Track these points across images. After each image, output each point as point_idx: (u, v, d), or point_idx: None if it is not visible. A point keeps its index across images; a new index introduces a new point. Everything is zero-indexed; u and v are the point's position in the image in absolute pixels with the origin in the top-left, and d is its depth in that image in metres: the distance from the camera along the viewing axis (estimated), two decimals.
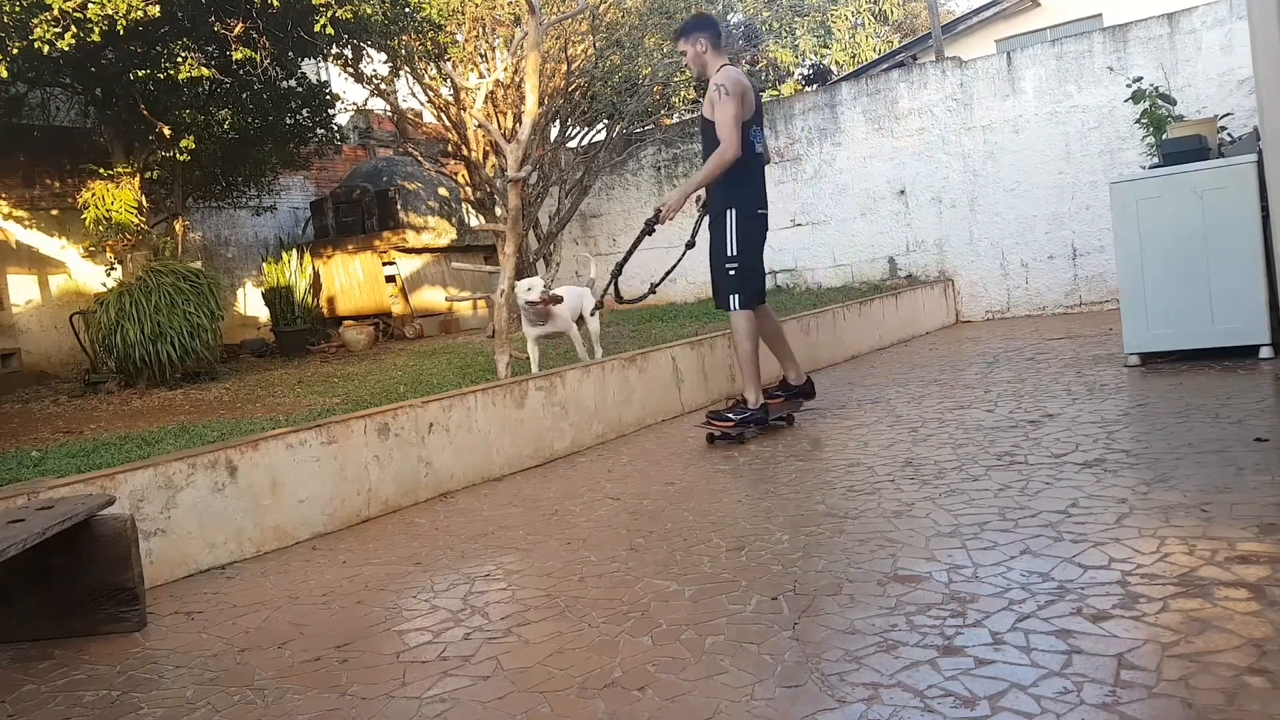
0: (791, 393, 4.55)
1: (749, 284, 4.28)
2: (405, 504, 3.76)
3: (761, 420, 4.24)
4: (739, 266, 4.23)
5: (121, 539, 2.59)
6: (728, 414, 4.24)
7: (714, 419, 4.24)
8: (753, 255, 4.31)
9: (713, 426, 4.23)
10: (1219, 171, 4.59)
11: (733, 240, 4.21)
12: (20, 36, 5.15)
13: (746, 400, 4.26)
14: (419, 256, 9.38)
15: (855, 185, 9.06)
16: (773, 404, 4.41)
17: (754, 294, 4.31)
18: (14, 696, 2.20)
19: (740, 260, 4.23)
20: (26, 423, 5.29)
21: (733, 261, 4.23)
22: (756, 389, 4.24)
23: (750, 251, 4.28)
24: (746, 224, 4.24)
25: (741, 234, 4.22)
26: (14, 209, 7.76)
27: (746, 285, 4.27)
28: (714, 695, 1.79)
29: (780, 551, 2.60)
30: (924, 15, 15.49)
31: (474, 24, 8.02)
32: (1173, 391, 4.16)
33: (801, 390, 4.58)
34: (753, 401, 4.24)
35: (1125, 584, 2.07)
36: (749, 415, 4.22)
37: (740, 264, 4.23)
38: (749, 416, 4.21)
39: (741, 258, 4.23)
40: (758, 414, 4.23)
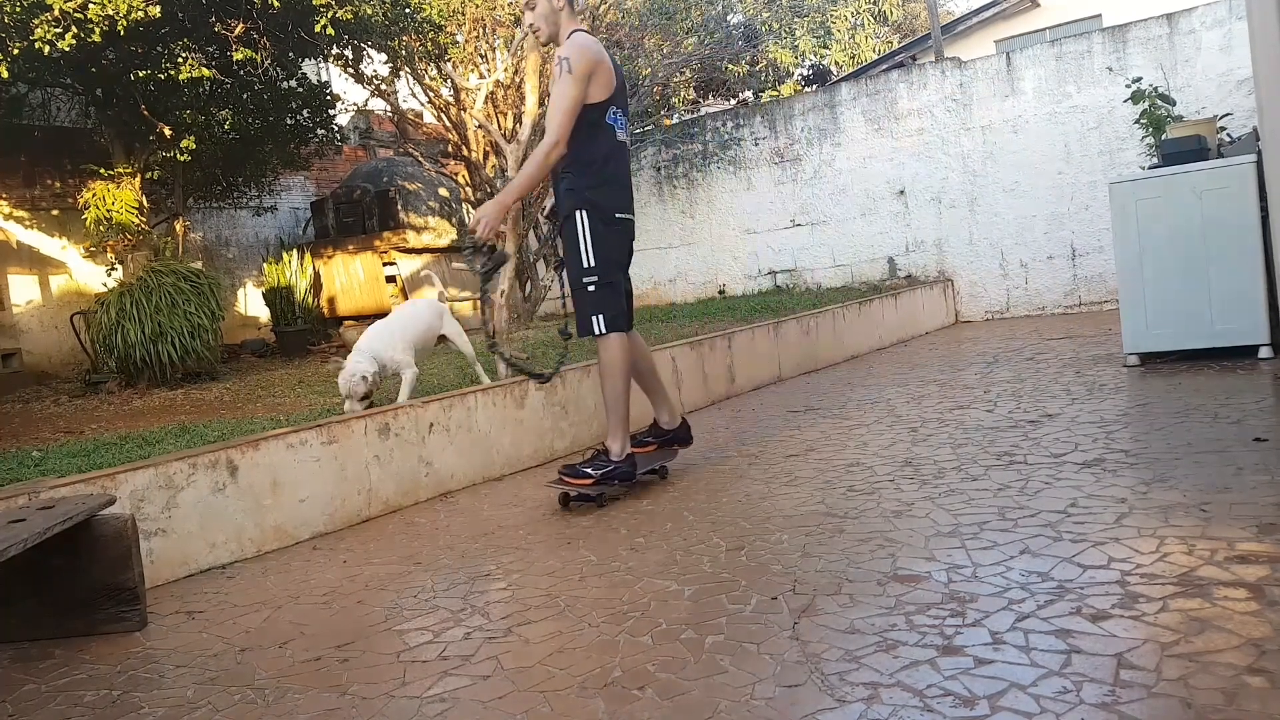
0: (665, 439, 3.77)
1: (613, 301, 3.45)
2: (406, 504, 3.77)
3: (628, 476, 3.43)
4: (598, 280, 3.41)
5: (122, 539, 2.59)
6: (585, 468, 3.39)
7: (568, 475, 3.40)
8: (614, 269, 3.47)
9: (566, 484, 3.41)
10: (1218, 172, 4.59)
11: (587, 250, 3.40)
12: (21, 37, 5.16)
13: (609, 450, 3.42)
14: (419, 257, 9.38)
15: (855, 185, 9.06)
16: (642, 453, 3.65)
17: (620, 313, 3.48)
18: (14, 696, 2.20)
19: (600, 273, 3.41)
20: (27, 423, 5.29)
21: (590, 274, 3.41)
22: (624, 437, 3.43)
23: (611, 264, 3.44)
24: (602, 230, 3.41)
25: (597, 242, 3.40)
26: (15, 209, 7.77)
27: (611, 303, 3.43)
28: (714, 695, 1.79)
29: (780, 551, 2.60)
30: (923, 16, 15.49)
31: (474, 24, 8.03)
32: (1172, 392, 4.16)
33: (676, 435, 3.79)
34: (617, 452, 3.41)
35: (1125, 584, 2.07)
36: (612, 470, 3.39)
37: (600, 277, 3.41)
38: (612, 471, 3.39)
39: (600, 269, 3.41)
40: (623, 468, 3.41)
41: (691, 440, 3.87)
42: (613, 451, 3.43)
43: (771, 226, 9.59)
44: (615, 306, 3.45)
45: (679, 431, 3.80)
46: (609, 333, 3.43)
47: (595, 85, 3.35)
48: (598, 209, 3.41)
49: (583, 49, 3.32)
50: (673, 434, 3.79)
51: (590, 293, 3.43)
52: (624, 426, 3.44)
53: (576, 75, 3.28)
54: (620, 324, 3.45)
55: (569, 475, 3.40)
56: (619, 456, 3.42)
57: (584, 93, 3.32)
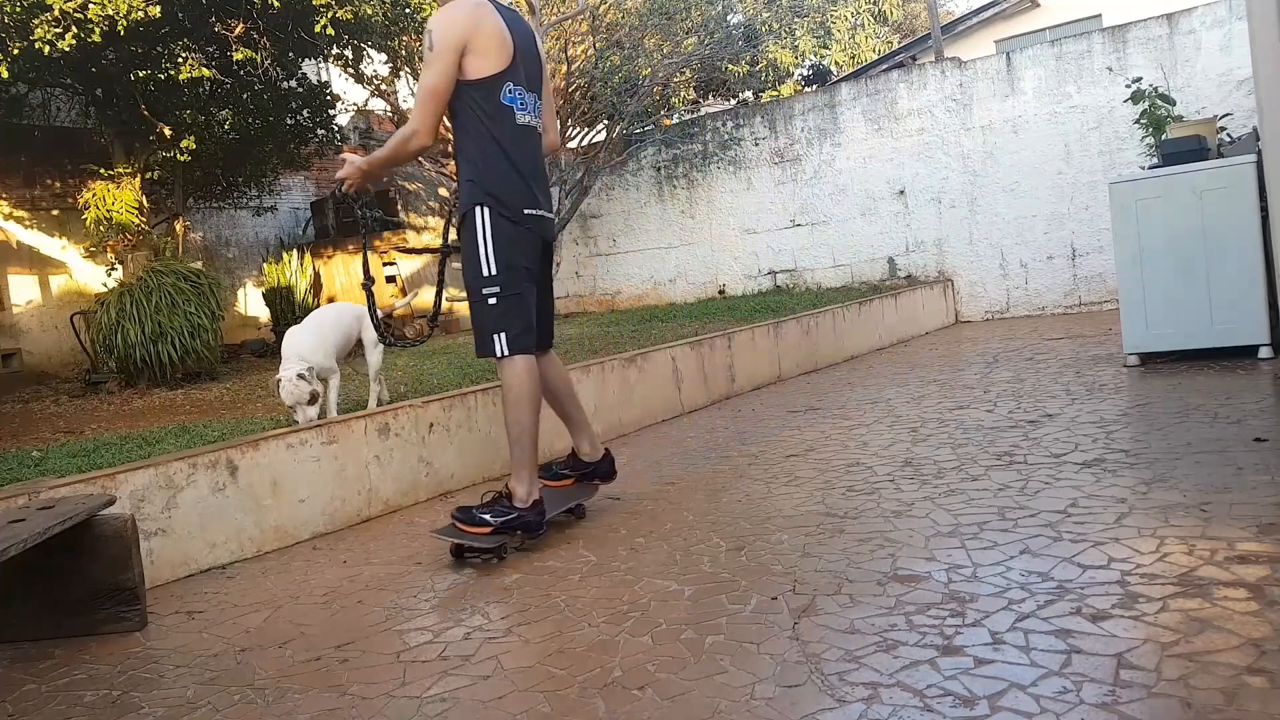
0: (585, 472, 3.28)
1: (518, 316, 2.92)
2: (406, 504, 3.77)
3: (534, 526, 2.89)
4: (500, 291, 2.89)
5: (122, 539, 2.59)
6: (482, 514, 2.85)
7: (462, 521, 2.87)
8: (520, 277, 2.93)
9: (461, 533, 2.87)
10: (1218, 172, 4.59)
11: (487, 253, 2.88)
12: (21, 37, 5.16)
13: (512, 494, 2.90)
14: (419, 257, 9.38)
15: (855, 185, 9.07)
16: (556, 488, 3.21)
17: (527, 330, 2.95)
18: (14, 696, 2.20)
19: (502, 282, 2.89)
20: (27, 423, 5.29)
21: (490, 283, 2.89)
22: (531, 478, 2.92)
23: (516, 271, 2.92)
24: (508, 230, 2.90)
25: (500, 244, 2.89)
26: (15, 209, 7.77)
27: (516, 319, 2.91)
28: (714, 695, 1.79)
29: (780, 551, 2.60)
30: (924, 16, 15.50)
31: None
32: (1172, 391, 4.17)
33: (598, 469, 3.28)
34: (522, 497, 2.88)
35: (1125, 584, 2.07)
36: (515, 517, 2.86)
37: (503, 287, 2.89)
38: (514, 519, 2.85)
39: (504, 278, 2.89)
40: (528, 516, 2.88)
41: (615, 474, 3.34)
42: (517, 495, 2.89)
43: (771, 226, 9.59)
44: (521, 323, 2.92)
45: (601, 465, 3.29)
46: (512, 354, 2.90)
47: (477, 58, 2.83)
48: (502, 204, 2.90)
49: (446, 18, 2.83)
50: (594, 467, 3.28)
51: (491, 306, 2.90)
52: (530, 467, 2.93)
53: (438, 51, 2.80)
54: (526, 344, 2.93)
55: (463, 521, 2.87)
56: (524, 502, 2.89)
57: (452, 70, 2.82)
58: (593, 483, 3.32)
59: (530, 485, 2.92)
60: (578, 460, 3.28)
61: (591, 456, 3.28)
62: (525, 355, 2.92)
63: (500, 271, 2.90)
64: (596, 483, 3.33)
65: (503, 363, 2.93)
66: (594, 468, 3.29)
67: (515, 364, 2.91)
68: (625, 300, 10.55)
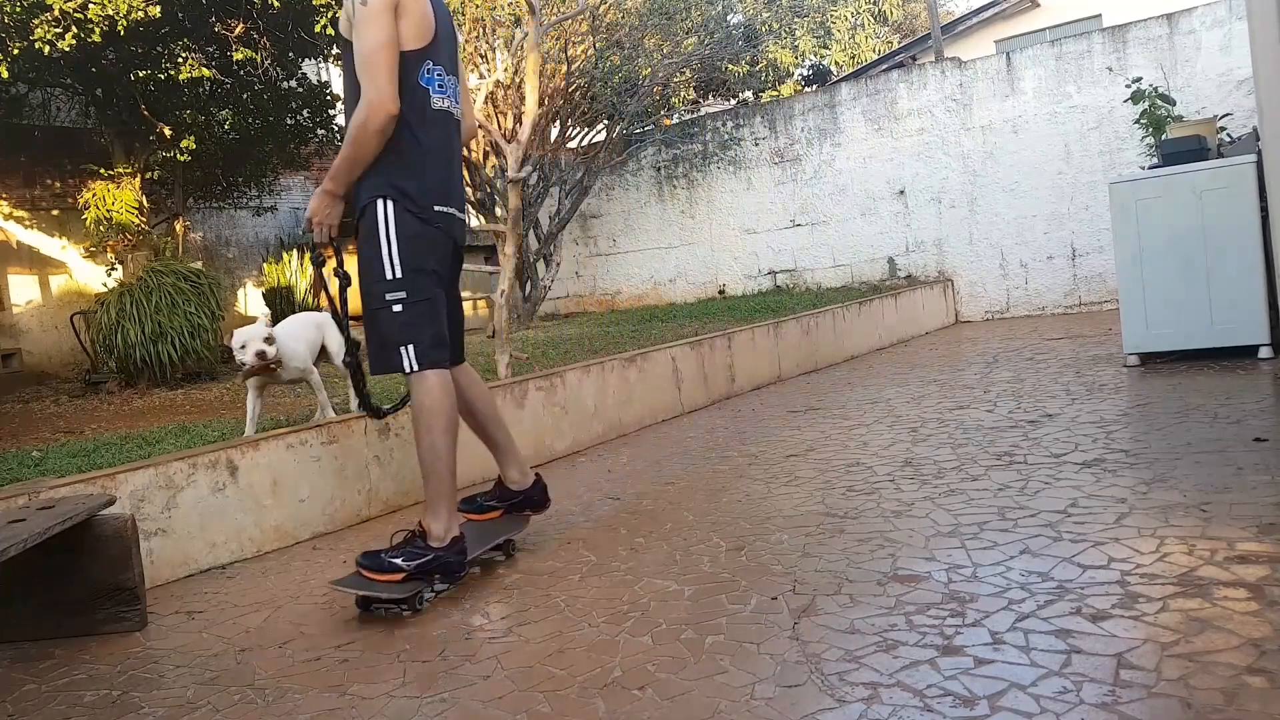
0: (514, 502, 2.91)
1: (428, 326, 2.59)
2: (406, 504, 3.77)
3: (455, 567, 2.54)
4: (406, 297, 2.55)
5: (122, 539, 2.59)
6: (393, 558, 2.48)
7: (368, 569, 2.48)
8: (430, 281, 2.60)
9: (368, 582, 2.47)
10: (1218, 172, 4.59)
11: (391, 254, 2.55)
12: (21, 37, 5.16)
13: (427, 532, 2.53)
14: None
15: (855, 185, 9.07)
16: (482, 520, 2.88)
17: (439, 342, 2.61)
18: (14, 696, 2.20)
19: (408, 286, 2.55)
20: (27, 423, 5.29)
21: (395, 288, 2.55)
22: (449, 512, 2.57)
23: (425, 275, 2.58)
24: (415, 227, 2.57)
25: (407, 243, 2.55)
26: (15, 209, 7.77)
27: (425, 328, 2.57)
28: (714, 695, 1.79)
29: (780, 551, 2.60)
30: (924, 16, 15.50)
31: (474, 25, 8.03)
32: (1172, 391, 4.17)
33: (529, 497, 2.92)
34: (439, 534, 2.53)
35: (1125, 584, 2.07)
36: (431, 559, 2.49)
37: (410, 292, 2.55)
38: (431, 562, 2.49)
39: (410, 281, 2.55)
40: (446, 557, 2.51)
41: (548, 503, 2.98)
42: (432, 533, 2.53)
43: (771, 226, 9.59)
44: (432, 333, 2.58)
45: (532, 492, 2.92)
46: (423, 369, 2.55)
47: (403, 25, 2.51)
48: (409, 198, 2.56)
49: None
50: (524, 495, 2.92)
51: (396, 314, 2.55)
52: (448, 499, 2.57)
53: (373, 9, 2.45)
54: (439, 357, 2.59)
55: (369, 568, 2.48)
56: (441, 541, 2.52)
57: (394, 28, 2.48)
58: (523, 514, 2.94)
59: (449, 521, 2.55)
60: (505, 489, 2.91)
61: (521, 484, 2.91)
62: (438, 370, 2.58)
63: (406, 274, 2.55)
64: (527, 514, 2.95)
65: (412, 379, 2.57)
66: (524, 496, 2.91)
67: (427, 380, 2.55)
68: (625, 300, 10.55)
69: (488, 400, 2.92)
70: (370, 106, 2.46)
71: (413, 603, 2.47)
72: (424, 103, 2.59)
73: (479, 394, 2.88)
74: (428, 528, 2.55)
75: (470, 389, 2.84)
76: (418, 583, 2.48)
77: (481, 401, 2.88)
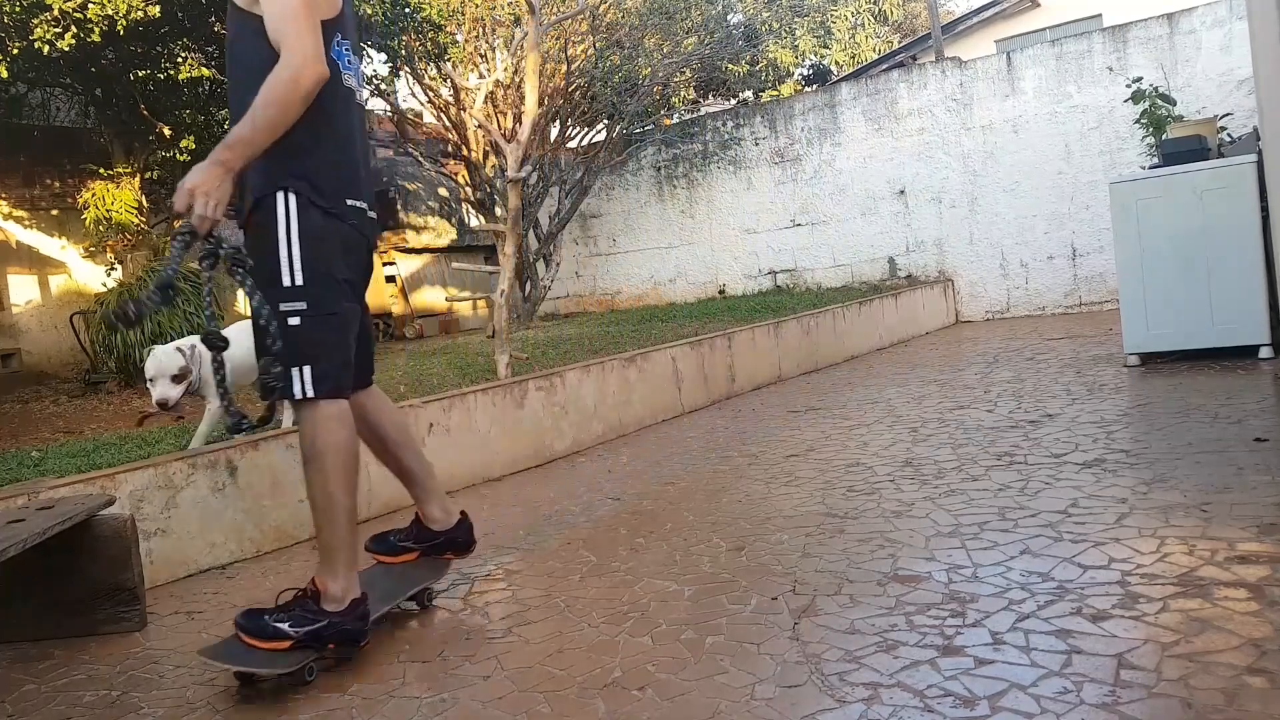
0: (433, 543, 2.53)
1: (333, 345, 2.16)
2: (406, 504, 3.75)
3: (355, 635, 2.13)
4: (308, 309, 2.12)
5: (121, 539, 2.59)
6: (278, 623, 2.08)
7: (250, 633, 2.08)
8: (337, 290, 2.17)
9: (247, 651, 2.07)
10: (1219, 171, 4.59)
11: (291, 256, 2.10)
12: (20, 37, 5.15)
13: (322, 591, 2.13)
14: (419, 256, 9.38)
15: (855, 185, 9.07)
16: (395, 563, 2.52)
17: (344, 366, 2.19)
18: (14, 696, 2.20)
19: (312, 295, 2.12)
20: (27, 423, 5.29)
21: (294, 296, 2.11)
22: (348, 569, 2.16)
23: (332, 283, 2.16)
24: (319, 225, 2.14)
25: (310, 244, 2.12)
26: (14, 209, 7.77)
27: (328, 347, 2.15)
28: (714, 695, 1.79)
29: (780, 551, 2.60)
30: (924, 15, 15.49)
31: (474, 24, 8.03)
32: (1172, 391, 4.16)
33: (450, 538, 2.54)
34: (336, 594, 2.12)
35: (1125, 584, 2.07)
36: (325, 625, 2.09)
37: (312, 303, 2.12)
38: (325, 628, 2.09)
39: (314, 290, 2.12)
40: (345, 622, 2.11)
41: (473, 544, 2.60)
42: (328, 594, 2.12)
43: (771, 226, 9.59)
44: (337, 355, 2.17)
45: (456, 533, 2.54)
46: (319, 398, 2.12)
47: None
48: (318, 190, 2.14)
49: None
50: (445, 536, 2.53)
51: (294, 328, 2.10)
52: (347, 554, 2.16)
53: None
54: (340, 384, 2.17)
55: (251, 633, 2.08)
56: (338, 603, 2.12)
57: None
58: (444, 555, 2.56)
59: (347, 580, 2.14)
60: (423, 528, 2.53)
61: (442, 523, 2.53)
62: (335, 401, 2.14)
63: (310, 281, 2.11)
64: (449, 556, 2.57)
65: (303, 409, 2.13)
66: (446, 537, 2.53)
67: (321, 412, 2.12)
68: (625, 300, 10.55)
69: (400, 426, 2.51)
70: (301, 63, 2.01)
71: (300, 674, 2.07)
72: (336, 78, 2.17)
73: (390, 420, 2.48)
74: (323, 587, 2.12)
75: (380, 414, 2.45)
76: (309, 650, 2.08)
77: (393, 428, 2.48)
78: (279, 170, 2.12)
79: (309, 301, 2.12)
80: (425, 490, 2.54)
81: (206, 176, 2.03)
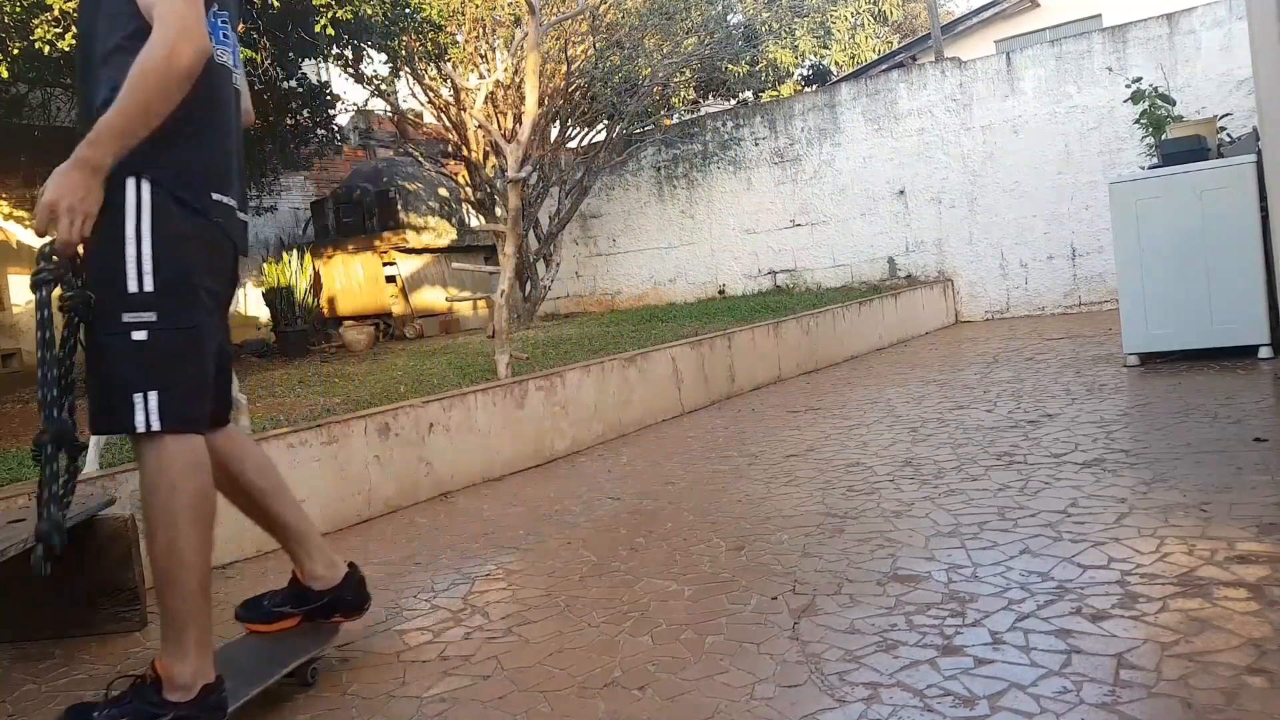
0: (315, 605, 2.15)
1: (185, 366, 1.80)
2: (405, 504, 3.77)
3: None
4: (157, 321, 1.75)
5: (122, 539, 2.59)
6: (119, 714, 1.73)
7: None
8: (195, 299, 1.82)
9: None
10: (1218, 172, 4.59)
11: (140, 255, 1.74)
12: (21, 37, 5.16)
13: (165, 678, 1.76)
14: (419, 257, 9.38)
15: (855, 185, 9.07)
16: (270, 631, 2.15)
17: (194, 392, 1.82)
18: (14, 696, 2.20)
19: (164, 306, 1.76)
20: (27, 423, 5.29)
21: (140, 306, 1.74)
22: (199, 646, 1.81)
23: (189, 290, 1.81)
24: (177, 221, 1.79)
25: (164, 241, 1.76)
26: (14, 209, 7.78)
27: (179, 369, 1.78)
28: (714, 695, 1.79)
29: (780, 551, 2.60)
30: (923, 16, 15.50)
31: (474, 24, 8.03)
32: (1172, 391, 4.17)
33: (338, 597, 2.15)
34: (184, 680, 1.76)
35: (1125, 584, 2.07)
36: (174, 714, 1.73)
37: (164, 315, 1.76)
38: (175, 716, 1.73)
39: (167, 300, 1.76)
40: (194, 713, 1.75)
41: (367, 602, 2.21)
42: (173, 680, 1.75)
43: (771, 226, 9.59)
44: (190, 379, 1.80)
45: (342, 589, 2.15)
46: (165, 432, 1.75)
47: None
48: (178, 178, 1.80)
49: None
50: (331, 595, 2.14)
51: (136, 346, 1.74)
52: (198, 628, 1.81)
53: None
54: (193, 415, 1.81)
55: None
56: (188, 690, 1.75)
57: None
58: (331, 618, 2.14)
59: (199, 660, 1.78)
60: (301, 588, 2.14)
61: (326, 580, 2.14)
62: (185, 436, 1.78)
63: (162, 288, 1.75)
64: (338, 619, 2.15)
65: (143, 444, 1.76)
66: (332, 596, 2.13)
67: (168, 449, 1.76)
68: (625, 300, 10.55)
69: (267, 471, 2.10)
70: (178, 35, 1.67)
71: None
72: None
73: (254, 464, 2.08)
74: (165, 673, 1.75)
75: (242, 458, 2.05)
76: None
77: (258, 474, 2.08)
78: (133, 153, 1.72)
79: (160, 312, 1.75)
80: (303, 544, 2.14)
81: (69, 184, 1.66)
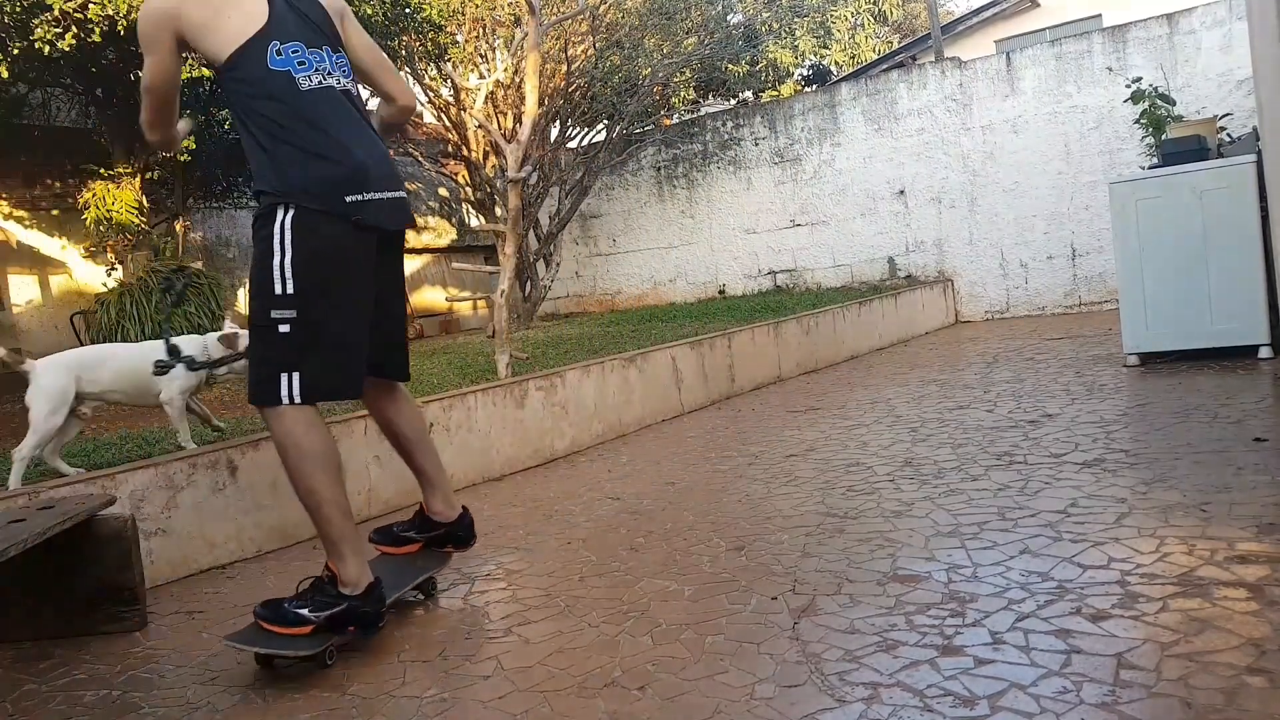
0: (435, 535, 2.61)
1: (325, 351, 2.21)
2: (406, 504, 3.76)
3: (371, 619, 2.20)
4: (298, 316, 2.16)
5: (122, 539, 2.59)
6: (298, 608, 2.15)
7: (270, 620, 2.15)
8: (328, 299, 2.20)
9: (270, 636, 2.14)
10: (1218, 172, 4.59)
11: (283, 264, 2.15)
12: (21, 37, 5.15)
13: (338, 576, 2.20)
14: (419, 257, 9.38)
15: (855, 185, 9.07)
16: (398, 554, 2.60)
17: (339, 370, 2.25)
18: (14, 696, 2.20)
19: (301, 304, 2.16)
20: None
21: (284, 304, 2.15)
22: (356, 554, 2.23)
23: (319, 292, 2.18)
24: (316, 231, 2.18)
25: (302, 252, 2.16)
26: (15, 209, 7.77)
27: (319, 353, 2.20)
28: (714, 695, 1.79)
29: (780, 551, 2.60)
30: (923, 16, 15.50)
31: (474, 24, 8.03)
32: (1172, 391, 4.17)
33: (451, 532, 2.62)
34: (351, 578, 2.19)
35: (1124, 584, 2.07)
36: (344, 609, 2.16)
37: (302, 311, 2.16)
38: (344, 612, 2.16)
39: (304, 300, 2.16)
40: (363, 605, 2.18)
41: (473, 539, 2.67)
42: (344, 579, 2.19)
43: (771, 226, 9.59)
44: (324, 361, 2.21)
45: (456, 527, 2.62)
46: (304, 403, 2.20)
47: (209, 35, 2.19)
48: (311, 196, 2.17)
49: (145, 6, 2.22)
50: (447, 530, 2.62)
51: (282, 337, 2.16)
52: (351, 542, 2.22)
53: (144, 46, 2.23)
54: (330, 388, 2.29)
55: (271, 620, 2.15)
56: (354, 586, 2.19)
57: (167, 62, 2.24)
58: (445, 548, 2.65)
59: (358, 565, 2.21)
60: (426, 519, 2.62)
61: (445, 516, 2.61)
62: (302, 407, 2.20)
63: (300, 290, 2.15)
64: (450, 549, 2.66)
65: (270, 415, 2.22)
66: (447, 530, 2.61)
67: (286, 417, 2.20)
68: (625, 300, 10.55)
69: (417, 425, 2.62)
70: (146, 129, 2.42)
71: (321, 659, 2.13)
72: (289, 87, 2.20)
73: (408, 418, 2.59)
74: (336, 571, 2.20)
75: (399, 415, 2.57)
76: (328, 636, 2.13)
77: (410, 426, 2.59)
78: (270, 186, 2.21)
79: (300, 309, 2.17)
80: (433, 485, 2.63)
81: None
